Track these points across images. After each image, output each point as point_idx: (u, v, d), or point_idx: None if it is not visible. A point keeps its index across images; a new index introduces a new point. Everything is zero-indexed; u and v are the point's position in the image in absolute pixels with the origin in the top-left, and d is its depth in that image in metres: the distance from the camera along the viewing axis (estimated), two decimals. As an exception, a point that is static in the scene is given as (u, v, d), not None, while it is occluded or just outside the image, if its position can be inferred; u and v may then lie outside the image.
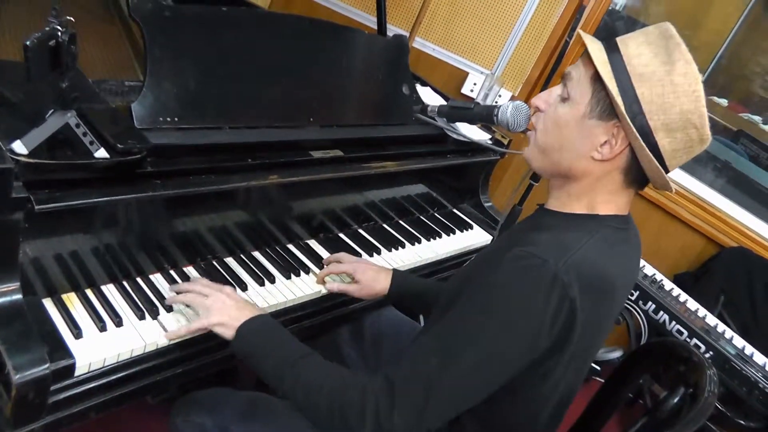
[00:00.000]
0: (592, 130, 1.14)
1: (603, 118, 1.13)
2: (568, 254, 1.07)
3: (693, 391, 1.28)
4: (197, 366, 1.35)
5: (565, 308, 1.05)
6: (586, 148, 1.15)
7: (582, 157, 1.16)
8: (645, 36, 1.14)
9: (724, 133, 4.54)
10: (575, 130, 1.16)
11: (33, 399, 1.09)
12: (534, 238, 1.14)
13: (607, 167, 1.16)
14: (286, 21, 1.70)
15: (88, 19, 1.88)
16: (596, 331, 1.17)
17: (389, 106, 1.97)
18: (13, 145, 1.09)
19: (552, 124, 1.20)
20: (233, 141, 1.48)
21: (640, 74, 1.10)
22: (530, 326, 1.06)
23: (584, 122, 1.15)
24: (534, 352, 1.08)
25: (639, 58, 1.11)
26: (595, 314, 1.10)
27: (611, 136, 1.13)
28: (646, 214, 3.16)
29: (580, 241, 1.12)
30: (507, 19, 3.03)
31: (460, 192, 2.28)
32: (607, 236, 1.17)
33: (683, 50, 1.11)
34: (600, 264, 1.12)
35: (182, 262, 1.48)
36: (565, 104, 1.18)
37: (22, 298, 1.14)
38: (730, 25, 5.11)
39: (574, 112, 1.16)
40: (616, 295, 1.19)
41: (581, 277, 1.06)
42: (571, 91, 1.17)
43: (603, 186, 1.19)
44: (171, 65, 1.42)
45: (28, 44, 1.01)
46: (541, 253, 1.07)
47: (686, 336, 2.41)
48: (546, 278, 1.04)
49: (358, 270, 1.60)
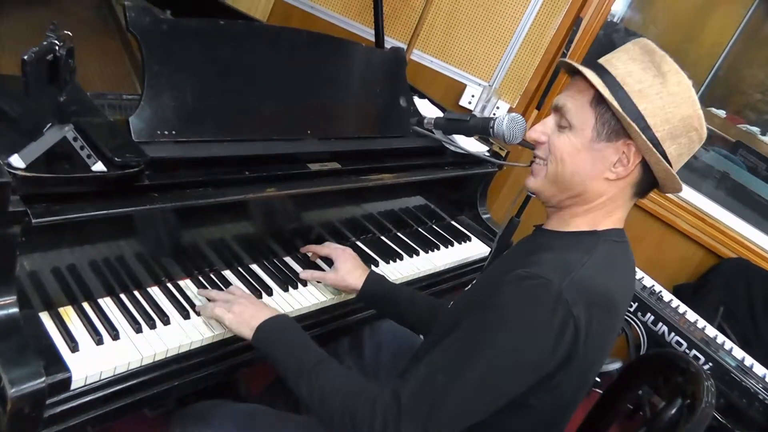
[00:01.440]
0: (602, 153, 1.17)
1: (611, 139, 1.16)
2: (570, 273, 1.10)
3: (690, 401, 1.28)
4: (195, 379, 1.35)
5: (570, 327, 1.07)
6: (599, 170, 1.18)
7: (595, 179, 1.19)
8: (627, 53, 1.18)
9: (723, 144, 4.55)
10: (585, 156, 1.18)
11: (29, 413, 1.08)
12: (535, 259, 1.16)
13: (620, 185, 1.20)
14: (284, 34, 1.71)
15: (86, 33, 1.89)
16: (600, 346, 1.18)
17: (387, 119, 1.98)
18: (11, 159, 1.09)
19: (560, 155, 1.21)
20: (231, 154, 1.49)
21: (638, 91, 1.14)
22: (535, 345, 1.08)
23: (593, 146, 1.17)
24: (539, 371, 1.10)
25: (631, 76, 1.15)
26: (598, 330, 1.12)
27: (622, 155, 1.16)
28: (646, 226, 3.16)
29: (582, 260, 1.14)
30: (504, 31, 3.05)
31: (458, 204, 2.28)
32: (607, 251, 1.19)
33: (669, 61, 1.16)
34: (602, 281, 1.14)
35: (179, 275, 1.48)
36: (567, 133, 1.20)
37: (18, 312, 1.14)
38: (728, 38, 5.14)
39: (581, 139, 1.18)
40: (618, 310, 1.20)
41: (584, 295, 1.08)
42: (572, 119, 1.19)
43: (613, 202, 1.22)
44: (168, 79, 1.43)
45: (26, 59, 1.02)
46: (545, 273, 1.09)
47: (685, 347, 2.41)
48: (550, 298, 1.06)
49: (339, 257, 1.63)
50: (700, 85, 5.25)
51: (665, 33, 5.20)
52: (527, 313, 1.08)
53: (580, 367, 1.13)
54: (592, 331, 1.09)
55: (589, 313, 1.08)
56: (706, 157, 4.32)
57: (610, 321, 1.18)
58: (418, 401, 1.08)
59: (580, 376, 1.17)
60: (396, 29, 3.11)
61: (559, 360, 1.09)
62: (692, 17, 5.19)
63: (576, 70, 1.21)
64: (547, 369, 1.10)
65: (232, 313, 1.32)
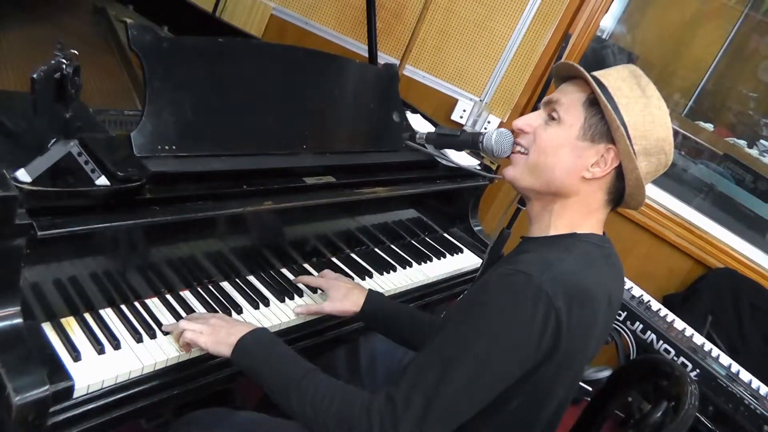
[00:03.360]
0: (583, 152, 1.24)
1: (595, 141, 1.23)
2: (550, 268, 1.14)
3: (675, 404, 1.31)
4: (195, 387, 1.37)
5: (552, 318, 1.11)
6: (577, 167, 1.24)
7: (572, 176, 1.25)
8: (617, 73, 1.26)
9: (710, 157, 4.61)
10: (567, 151, 1.24)
11: (33, 420, 1.11)
12: (518, 259, 1.22)
13: (593, 186, 1.26)
14: (280, 51, 1.75)
15: (86, 49, 1.92)
16: (582, 340, 1.21)
17: (380, 133, 2.01)
18: (17, 173, 1.12)
19: (544, 145, 1.27)
20: (229, 168, 1.52)
21: (625, 104, 1.21)
22: (519, 337, 1.11)
23: (576, 144, 1.24)
24: (525, 363, 1.13)
25: (621, 90, 1.22)
26: (579, 323, 1.15)
27: (601, 157, 1.23)
28: (635, 238, 3.20)
29: (561, 257, 1.20)
30: (495, 47, 3.10)
31: (450, 216, 2.31)
32: (587, 252, 1.25)
33: (653, 87, 1.25)
34: (580, 275, 1.19)
35: (179, 286, 1.51)
36: (554, 126, 1.26)
37: (22, 322, 1.17)
38: (714, 52, 5.22)
39: (567, 134, 1.25)
40: (598, 305, 1.22)
41: (564, 288, 1.13)
42: (563, 114, 1.25)
43: (586, 205, 1.28)
44: (169, 95, 1.46)
45: (35, 77, 1.05)
46: (525, 269, 1.14)
47: (673, 355, 2.45)
48: (531, 291, 1.11)
49: (332, 287, 1.63)
50: (688, 99, 5.33)
51: (653, 48, 5.27)
52: (510, 306, 1.12)
53: (564, 360, 1.16)
54: (573, 322, 1.13)
55: (569, 305, 1.12)
56: (694, 170, 4.38)
57: (590, 314, 1.20)
58: (412, 401, 1.10)
59: (564, 369, 1.20)
60: (389, 45, 3.16)
61: (544, 352, 1.13)
62: (679, 33, 5.26)
63: (572, 76, 1.29)
64: (533, 362, 1.13)
65: (204, 334, 1.31)
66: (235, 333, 1.30)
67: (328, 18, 3.25)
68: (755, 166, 4.30)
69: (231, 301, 1.53)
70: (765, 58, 5.05)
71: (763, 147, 4.63)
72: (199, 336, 1.31)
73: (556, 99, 1.27)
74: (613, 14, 4.98)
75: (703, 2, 5.23)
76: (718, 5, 5.24)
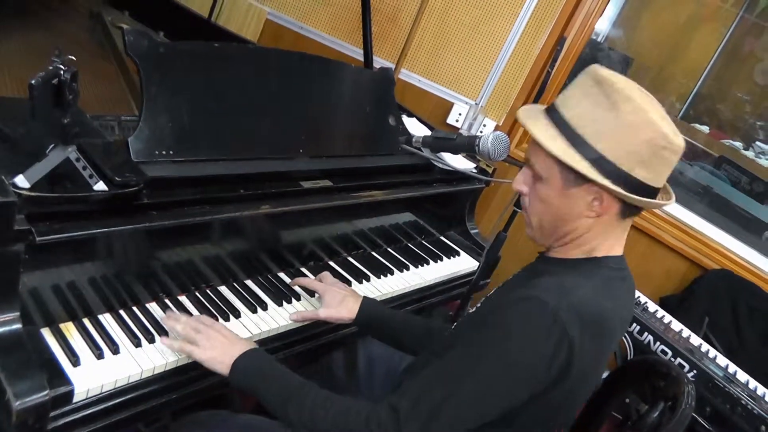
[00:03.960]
0: (577, 196, 1.19)
1: (580, 183, 1.18)
2: (568, 296, 1.13)
3: (672, 403, 1.32)
4: (194, 391, 1.38)
5: (565, 347, 1.10)
6: (578, 211, 1.21)
7: (578, 219, 1.22)
8: (580, 88, 1.19)
9: (707, 159, 4.62)
10: (562, 202, 1.21)
11: (33, 424, 1.12)
12: (535, 282, 1.19)
13: (605, 217, 1.21)
14: (275, 55, 1.76)
15: (83, 55, 1.94)
16: (594, 365, 1.22)
17: (376, 137, 2.02)
18: (16, 179, 1.13)
19: (540, 205, 1.25)
20: (226, 172, 1.53)
21: (594, 132, 1.15)
22: (530, 364, 1.12)
23: (567, 193, 1.20)
24: (533, 388, 1.14)
25: (585, 117, 1.16)
26: (592, 351, 1.16)
27: (596, 193, 1.18)
28: (632, 240, 3.16)
29: (580, 283, 1.18)
30: (491, 50, 3.11)
31: (447, 220, 2.32)
32: (605, 277, 1.23)
33: (619, 88, 1.14)
34: (597, 304, 1.17)
35: (177, 291, 1.52)
36: (541, 184, 1.23)
37: (21, 327, 1.18)
38: (710, 55, 5.23)
39: (554, 189, 1.21)
40: (613, 333, 1.24)
41: (580, 317, 1.12)
42: (540, 172, 1.22)
43: (605, 231, 1.24)
44: (166, 100, 1.47)
45: (33, 83, 1.06)
46: (542, 295, 1.13)
47: (670, 356, 2.45)
48: (546, 319, 1.10)
49: (327, 293, 1.63)
50: (684, 102, 5.35)
51: (649, 51, 5.29)
52: (524, 332, 1.12)
53: (572, 386, 1.17)
54: (585, 351, 1.13)
55: (584, 334, 1.12)
56: (691, 173, 4.39)
57: (604, 343, 1.21)
58: (416, 414, 1.11)
59: (571, 394, 1.21)
60: (384, 49, 3.17)
61: (553, 377, 1.13)
62: (675, 36, 5.28)
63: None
64: (541, 386, 1.13)
65: (202, 349, 1.31)
66: (231, 353, 1.30)
67: (323, 22, 3.26)
68: (751, 168, 4.32)
69: (229, 305, 1.54)
70: (760, 61, 5.07)
71: (759, 149, 4.65)
72: (194, 349, 1.31)
73: (528, 158, 1.25)
74: (608, 17, 5.00)
75: (698, 5, 5.25)
76: (714, 8, 5.26)
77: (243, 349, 1.31)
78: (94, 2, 2.40)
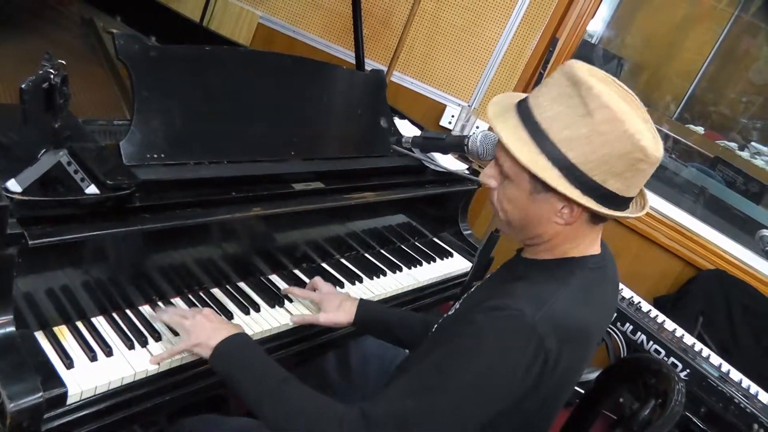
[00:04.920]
0: (546, 202, 1.15)
1: (549, 190, 1.13)
2: (544, 306, 1.10)
3: (662, 400, 1.33)
4: (186, 393, 1.39)
5: (540, 358, 1.09)
6: (546, 216, 1.17)
7: (547, 224, 1.18)
8: (556, 88, 1.12)
9: (701, 160, 4.63)
10: (530, 206, 1.17)
11: (27, 426, 1.13)
12: (510, 288, 1.17)
13: (573, 224, 1.17)
14: (267, 58, 1.77)
15: (76, 62, 1.95)
16: (569, 376, 1.21)
17: (368, 139, 2.03)
18: (8, 183, 1.14)
19: (507, 203, 1.21)
20: (218, 175, 1.54)
21: (565, 138, 1.09)
22: (504, 376, 1.09)
23: (535, 197, 1.16)
24: (507, 399, 1.12)
25: (557, 120, 1.10)
26: (570, 361, 1.14)
27: (565, 201, 1.13)
28: (625, 240, 3.22)
29: (556, 292, 1.14)
30: (483, 52, 3.13)
31: (439, 221, 2.33)
32: (583, 280, 1.20)
33: (596, 93, 1.07)
34: (575, 313, 1.15)
35: (170, 293, 1.52)
36: (510, 184, 1.18)
37: (15, 331, 1.19)
38: (704, 56, 5.24)
39: (522, 191, 1.17)
40: (591, 341, 1.23)
41: (557, 328, 1.10)
42: (510, 173, 1.17)
43: (573, 236, 1.20)
44: (157, 104, 1.48)
45: (23, 87, 1.07)
46: (517, 304, 1.10)
47: (664, 355, 2.47)
48: (522, 330, 1.08)
49: (323, 300, 1.64)
50: (679, 103, 5.36)
51: (643, 52, 5.30)
52: (498, 343, 1.09)
53: (546, 396, 1.16)
54: (561, 362, 1.11)
55: (561, 346, 1.10)
56: (685, 173, 4.40)
57: (582, 351, 1.21)
58: (386, 423, 1.09)
59: (546, 403, 1.20)
60: (376, 52, 3.18)
61: (527, 387, 1.11)
62: (669, 36, 5.29)
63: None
64: (515, 397, 1.11)
65: (187, 335, 1.32)
66: (216, 336, 1.30)
67: (315, 26, 3.27)
68: (746, 168, 4.32)
69: (222, 307, 1.55)
70: (756, 60, 5.08)
71: (754, 149, 4.66)
72: (181, 341, 1.33)
73: (498, 157, 1.20)
74: (603, 18, 5.02)
75: (692, 5, 5.26)
76: (708, 8, 5.26)
77: (228, 333, 1.31)
78: (86, 9, 2.41)
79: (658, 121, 4.87)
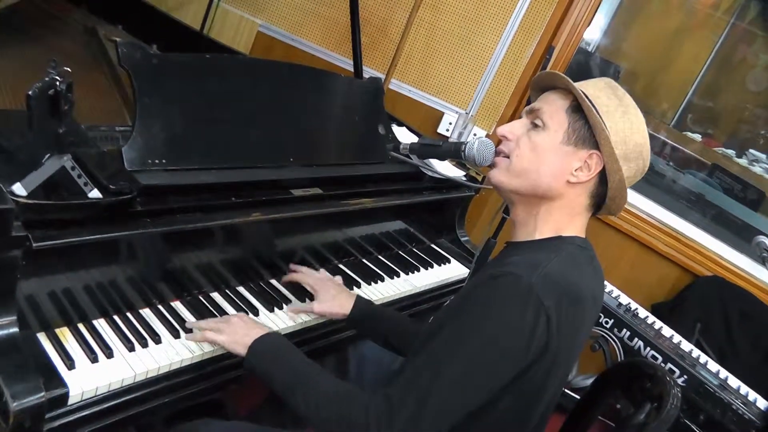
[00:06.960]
0: (567, 156, 1.28)
1: (578, 146, 1.27)
2: (539, 269, 1.18)
3: (657, 404, 1.34)
4: (185, 395, 1.41)
5: (542, 317, 1.14)
6: (562, 171, 1.28)
7: (557, 179, 1.29)
8: (595, 85, 1.31)
9: (699, 167, 4.64)
10: (552, 155, 1.28)
11: (29, 426, 1.14)
12: (506, 261, 1.26)
13: (577, 190, 1.30)
14: (267, 66, 1.80)
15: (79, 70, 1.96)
16: (571, 338, 1.24)
17: (366, 146, 2.05)
18: (13, 187, 1.16)
19: (529, 150, 1.31)
20: (218, 181, 1.56)
21: (606, 111, 1.26)
22: (510, 337, 1.15)
23: (561, 148, 1.28)
24: (518, 362, 1.17)
25: (600, 99, 1.27)
26: (568, 321, 1.19)
27: (584, 163, 1.27)
28: (623, 247, 3.24)
29: (549, 257, 1.23)
30: (480, 60, 3.15)
31: (437, 227, 2.35)
32: (573, 253, 1.29)
33: (629, 98, 1.30)
34: (568, 274, 1.23)
35: (170, 297, 1.54)
36: (539, 132, 1.30)
37: (18, 332, 1.21)
38: (701, 63, 5.24)
39: (552, 140, 1.28)
40: (585, 304, 1.27)
41: (553, 287, 1.17)
42: (547, 121, 1.29)
43: (570, 208, 1.32)
44: (159, 110, 1.50)
45: (30, 94, 1.09)
46: (514, 270, 1.18)
47: (661, 361, 2.48)
48: (520, 290, 1.15)
49: (321, 288, 1.69)
50: (676, 110, 5.38)
51: (640, 60, 5.32)
52: (501, 307, 1.16)
53: (554, 358, 1.20)
54: (562, 320, 1.17)
55: (559, 304, 1.16)
56: (683, 180, 4.41)
57: (579, 313, 1.25)
58: (407, 401, 1.14)
59: (555, 367, 1.23)
60: (374, 60, 3.20)
61: (535, 351, 1.16)
62: (666, 44, 5.30)
63: (551, 86, 1.35)
64: (525, 361, 1.16)
65: (224, 334, 1.40)
66: (251, 335, 1.37)
67: (314, 34, 3.29)
68: (744, 176, 4.33)
69: (221, 310, 1.57)
70: (753, 68, 5.09)
71: (752, 156, 4.67)
72: (217, 335, 1.40)
73: (539, 107, 1.32)
74: (599, 27, 5.03)
75: (689, 13, 5.28)
76: (704, 15, 5.27)
77: (262, 332, 1.38)
78: (89, 18, 2.44)
79: (656, 128, 4.89)
